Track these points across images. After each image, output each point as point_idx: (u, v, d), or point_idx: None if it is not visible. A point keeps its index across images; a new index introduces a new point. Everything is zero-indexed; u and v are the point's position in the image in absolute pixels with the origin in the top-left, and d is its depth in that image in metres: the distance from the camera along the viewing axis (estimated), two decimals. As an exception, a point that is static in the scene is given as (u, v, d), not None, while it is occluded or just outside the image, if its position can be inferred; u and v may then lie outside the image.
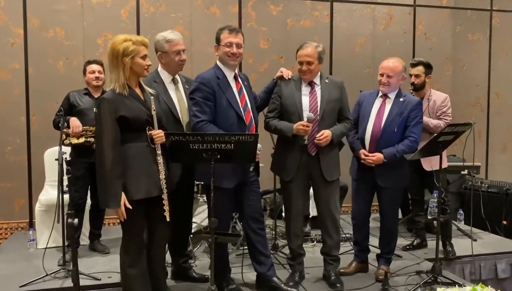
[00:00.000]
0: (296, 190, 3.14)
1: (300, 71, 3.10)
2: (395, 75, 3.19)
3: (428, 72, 3.86)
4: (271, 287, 3.05)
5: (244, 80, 3.08)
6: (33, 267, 3.57)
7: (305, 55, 3.04)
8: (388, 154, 3.14)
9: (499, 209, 4.90)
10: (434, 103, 3.84)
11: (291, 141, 3.06)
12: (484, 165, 6.12)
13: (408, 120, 3.19)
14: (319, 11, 5.52)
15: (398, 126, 3.18)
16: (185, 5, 5.10)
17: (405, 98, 3.25)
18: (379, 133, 3.19)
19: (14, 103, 4.69)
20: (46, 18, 4.73)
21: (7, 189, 4.71)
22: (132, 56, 2.44)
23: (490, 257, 4.01)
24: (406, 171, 3.32)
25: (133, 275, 2.53)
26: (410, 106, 3.20)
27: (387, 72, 3.19)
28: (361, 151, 3.24)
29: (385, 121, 3.20)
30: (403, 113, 3.19)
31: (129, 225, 2.49)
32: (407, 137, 3.19)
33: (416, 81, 3.85)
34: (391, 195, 3.29)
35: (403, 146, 3.16)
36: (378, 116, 3.23)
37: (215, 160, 2.54)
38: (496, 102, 6.18)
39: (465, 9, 6.00)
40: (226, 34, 2.89)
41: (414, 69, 3.86)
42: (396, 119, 3.18)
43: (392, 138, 3.18)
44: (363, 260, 3.52)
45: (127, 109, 2.43)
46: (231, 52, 2.88)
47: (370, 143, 3.22)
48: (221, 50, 2.91)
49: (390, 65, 3.21)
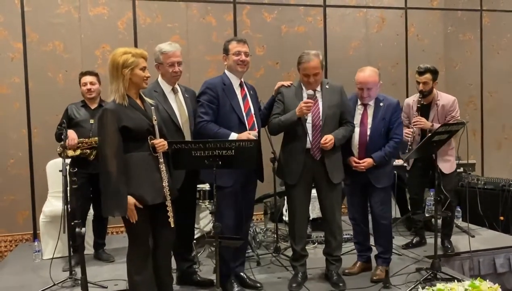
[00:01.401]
0: (301, 193, 3.24)
1: (307, 83, 3.17)
2: (374, 86, 3.28)
3: (435, 78, 3.82)
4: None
5: (250, 89, 3.26)
6: (40, 277, 3.63)
7: (313, 68, 3.11)
8: (377, 158, 3.28)
9: (495, 205, 4.98)
10: (443, 108, 3.83)
11: (295, 146, 3.17)
12: (479, 162, 6.21)
13: (390, 123, 3.33)
14: (312, 17, 5.61)
15: (383, 131, 3.31)
16: (181, 15, 5.19)
17: (384, 101, 3.34)
18: (367, 141, 3.31)
19: (15, 117, 4.76)
20: (45, 32, 4.80)
21: (11, 202, 4.77)
22: (131, 68, 2.52)
23: (488, 253, 4.08)
24: (392, 169, 3.49)
25: (139, 282, 2.59)
26: (391, 109, 3.32)
27: (367, 86, 3.25)
28: (351, 158, 3.33)
29: (370, 128, 3.31)
30: (385, 118, 3.31)
31: (134, 232, 2.56)
32: (391, 139, 3.33)
33: (424, 89, 3.79)
34: (383, 194, 3.40)
35: (390, 147, 3.31)
36: (362, 124, 3.32)
37: (217, 166, 2.62)
38: (490, 100, 6.28)
39: (455, 10, 6.12)
40: (235, 44, 3.12)
41: (422, 77, 3.78)
42: (380, 124, 3.30)
43: (378, 143, 3.31)
44: (367, 260, 3.60)
45: (129, 119, 2.51)
46: (241, 59, 3.09)
47: (359, 151, 3.33)
48: (230, 59, 3.12)
49: (367, 79, 3.24)
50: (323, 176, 3.18)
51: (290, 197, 3.28)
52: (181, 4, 5.18)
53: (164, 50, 3.07)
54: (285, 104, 3.20)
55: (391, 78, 5.72)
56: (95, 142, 3.39)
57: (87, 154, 3.66)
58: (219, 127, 3.00)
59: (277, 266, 3.76)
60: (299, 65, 3.17)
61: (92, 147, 3.63)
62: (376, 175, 3.32)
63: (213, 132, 2.98)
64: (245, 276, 3.31)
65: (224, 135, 2.97)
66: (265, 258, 3.95)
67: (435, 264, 3.30)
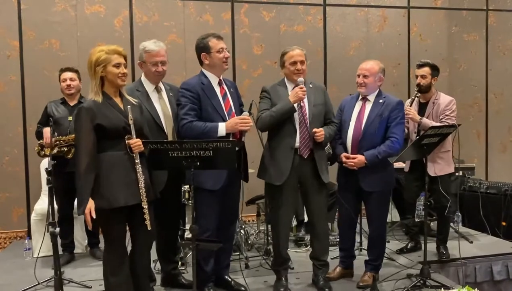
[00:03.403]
0: (287, 195, 3.13)
1: (295, 72, 3.10)
2: (371, 75, 3.20)
3: (435, 74, 3.79)
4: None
5: (230, 87, 3.14)
6: (28, 276, 3.60)
7: (299, 55, 3.10)
8: (369, 156, 3.12)
9: (498, 210, 4.85)
10: (439, 106, 3.77)
11: (284, 144, 3.07)
12: (484, 165, 6.07)
13: (389, 121, 3.18)
14: (312, 16, 5.53)
15: (379, 128, 3.17)
16: (178, 14, 5.15)
17: (385, 99, 3.24)
18: (360, 136, 3.19)
19: (11, 114, 4.78)
20: (41, 30, 4.81)
21: (6, 199, 4.79)
22: (104, 65, 2.49)
23: (486, 259, 3.96)
24: (392, 173, 3.31)
25: (115, 283, 2.55)
26: (390, 107, 3.19)
27: (363, 73, 3.22)
28: (342, 154, 3.24)
29: (365, 123, 3.20)
30: (383, 114, 3.18)
31: (109, 233, 2.53)
32: (388, 138, 3.18)
33: (422, 82, 3.76)
34: (377, 200, 3.24)
35: (385, 147, 3.14)
36: (358, 119, 3.23)
37: (195, 167, 2.56)
38: (495, 102, 6.12)
39: (460, 10, 5.98)
40: (215, 41, 2.99)
41: (420, 70, 3.79)
42: (376, 121, 3.17)
43: (373, 140, 3.17)
44: (348, 266, 3.50)
45: (104, 117, 2.47)
46: (225, 56, 2.99)
47: (352, 147, 3.22)
48: (214, 58, 2.99)
49: (366, 66, 3.25)
50: (311, 175, 3.10)
51: (275, 198, 3.14)
52: (178, 2, 5.15)
53: (147, 48, 3.00)
54: (272, 100, 3.11)
55: (392, 79, 5.60)
56: (73, 140, 3.26)
57: (65, 152, 3.54)
58: (205, 123, 2.91)
59: (266, 269, 3.70)
60: (284, 56, 3.13)
61: (70, 145, 3.49)
62: (367, 177, 3.17)
63: (201, 130, 2.88)
64: (229, 279, 3.25)
65: (213, 129, 2.89)
66: (255, 260, 3.90)
67: (424, 270, 3.21)
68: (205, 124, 2.90)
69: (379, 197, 3.24)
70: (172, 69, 4.79)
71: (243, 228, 4.22)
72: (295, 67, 3.09)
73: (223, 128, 2.89)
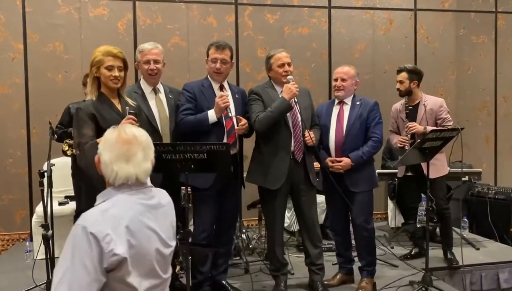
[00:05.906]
0: (281, 200, 3.11)
1: (283, 74, 3.08)
2: (349, 78, 3.24)
3: (413, 78, 3.76)
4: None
5: (236, 93, 3.14)
6: (27, 278, 3.58)
7: (286, 57, 3.11)
8: (355, 157, 3.14)
9: (507, 216, 4.74)
10: (431, 110, 3.72)
11: (280, 148, 3.03)
12: (493, 170, 5.94)
13: (368, 122, 3.22)
14: (316, 18, 5.48)
15: (360, 129, 3.20)
16: (182, 16, 5.14)
17: (361, 101, 3.29)
18: (343, 139, 3.20)
19: (14, 116, 4.80)
20: (45, 32, 4.83)
21: (9, 201, 4.80)
22: (97, 67, 2.49)
23: (492, 267, 3.86)
24: (374, 171, 3.34)
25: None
26: (368, 108, 3.24)
27: (341, 76, 3.25)
28: (327, 159, 3.22)
29: (346, 125, 3.22)
30: (362, 115, 3.21)
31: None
32: (370, 138, 3.21)
33: (400, 87, 3.79)
34: (363, 199, 3.20)
35: (368, 147, 3.18)
36: (339, 123, 3.25)
37: (189, 170, 2.53)
38: (504, 106, 6.00)
39: (468, 12, 5.88)
40: (213, 50, 3.03)
41: (398, 75, 3.81)
42: (357, 122, 3.20)
43: (356, 142, 3.19)
44: (348, 272, 3.43)
45: (100, 118, 2.45)
46: (216, 67, 3.00)
47: (336, 150, 3.22)
48: (208, 65, 3.06)
49: (343, 70, 3.28)
50: (303, 179, 3.09)
51: (270, 204, 3.10)
52: (182, 5, 5.13)
53: (140, 48, 3.03)
54: (264, 102, 3.08)
55: (398, 82, 5.51)
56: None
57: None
58: (195, 115, 2.95)
59: (265, 274, 3.64)
60: (271, 59, 3.12)
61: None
62: (353, 178, 3.16)
63: (192, 121, 2.93)
64: (226, 284, 3.20)
65: (203, 116, 2.92)
66: (255, 265, 3.84)
67: (426, 277, 3.13)
68: (195, 116, 2.94)
69: (365, 196, 3.22)
70: (175, 71, 4.82)
71: (244, 233, 4.17)
72: (283, 69, 3.07)
73: (212, 114, 2.92)
